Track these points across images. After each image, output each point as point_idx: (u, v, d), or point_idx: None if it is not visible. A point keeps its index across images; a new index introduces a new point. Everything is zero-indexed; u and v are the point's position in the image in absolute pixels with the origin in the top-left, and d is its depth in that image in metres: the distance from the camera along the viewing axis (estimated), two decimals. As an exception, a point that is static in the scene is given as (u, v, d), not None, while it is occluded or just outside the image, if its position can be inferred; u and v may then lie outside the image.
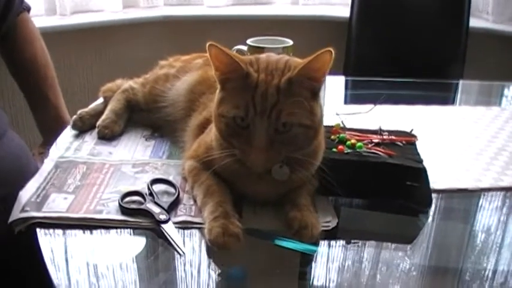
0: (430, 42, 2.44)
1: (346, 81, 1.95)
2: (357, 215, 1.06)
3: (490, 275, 0.91)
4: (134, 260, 0.90)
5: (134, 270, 0.88)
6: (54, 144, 1.23)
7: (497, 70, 2.43)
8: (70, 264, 0.88)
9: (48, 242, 0.91)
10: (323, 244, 0.94)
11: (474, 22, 2.53)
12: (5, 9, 1.46)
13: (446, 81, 2.03)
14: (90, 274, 0.86)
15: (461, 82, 2.07)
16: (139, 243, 0.94)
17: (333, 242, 0.96)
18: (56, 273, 0.84)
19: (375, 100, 1.45)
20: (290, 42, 1.41)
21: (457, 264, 0.97)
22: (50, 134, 1.50)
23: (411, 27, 2.47)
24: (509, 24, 2.60)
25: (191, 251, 0.90)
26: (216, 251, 0.87)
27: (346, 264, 0.93)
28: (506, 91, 1.85)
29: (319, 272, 0.91)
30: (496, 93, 1.88)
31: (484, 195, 1.12)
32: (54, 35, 2.18)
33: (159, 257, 0.91)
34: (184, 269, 0.87)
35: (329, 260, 0.93)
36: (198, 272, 0.87)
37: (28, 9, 1.58)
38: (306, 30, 2.62)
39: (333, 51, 0.89)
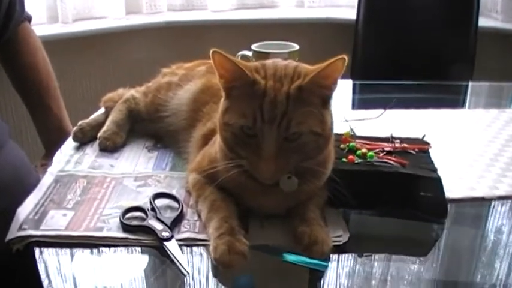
0: (439, 42, 2.40)
1: (354, 85, 1.91)
2: (367, 227, 1.02)
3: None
4: (136, 280, 0.86)
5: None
6: (55, 156, 1.19)
7: (506, 70, 2.39)
8: (69, 283, 0.85)
9: (47, 260, 0.88)
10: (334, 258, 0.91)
11: (483, 21, 2.48)
12: (5, 19, 1.44)
13: (455, 83, 1.98)
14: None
15: (470, 84, 2.03)
16: (141, 261, 0.90)
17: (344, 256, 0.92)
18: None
19: (384, 104, 1.41)
20: (296, 46, 1.38)
21: (473, 275, 0.94)
22: (52, 146, 1.47)
23: (419, 27, 2.43)
24: (519, 23, 2.56)
25: (197, 270, 0.87)
26: (227, 273, 0.84)
27: (359, 278, 0.90)
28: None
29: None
30: (506, 94, 1.83)
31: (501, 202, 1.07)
32: (56, 43, 2.17)
33: (162, 276, 0.87)
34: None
35: (340, 273, 0.90)
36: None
37: (29, 19, 1.56)
38: (312, 33, 2.61)
39: (346, 59, 0.85)
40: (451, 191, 1.05)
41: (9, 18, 1.45)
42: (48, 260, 0.88)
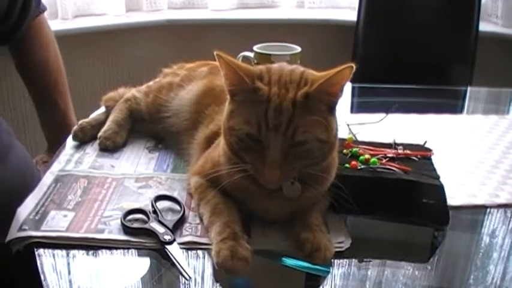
0: (439, 46, 2.39)
1: (353, 88, 1.90)
2: (368, 232, 1.02)
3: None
4: (138, 283, 0.86)
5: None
6: (56, 155, 1.18)
7: (506, 75, 2.38)
8: (65, 285, 0.84)
9: (48, 262, 0.87)
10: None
11: (483, 26, 2.47)
12: (21, 12, 1.41)
13: (455, 88, 1.98)
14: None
15: (469, 89, 2.03)
16: (143, 264, 0.90)
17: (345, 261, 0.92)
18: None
19: (383, 108, 1.40)
20: (298, 49, 1.38)
21: (467, 279, 0.94)
22: (55, 141, 1.45)
23: (419, 31, 2.42)
24: (519, 29, 2.56)
25: (198, 273, 0.86)
26: (223, 274, 0.83)
27: (355, 281, 0.90)
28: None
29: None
30: (505, 100, 1.83)
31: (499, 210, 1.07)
32: (55, 39, 2.14)
33: (160, 280, 0.87)
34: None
35: (335, 276, 0.89)
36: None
37: (44, 10, 1.53)
38: (312, 34, 2.59)
39: (354, 67, 0.84)
40: (453, 198, 1.04)
41: (26, 12, 1.43)
42: (45, 261, 0.87)
